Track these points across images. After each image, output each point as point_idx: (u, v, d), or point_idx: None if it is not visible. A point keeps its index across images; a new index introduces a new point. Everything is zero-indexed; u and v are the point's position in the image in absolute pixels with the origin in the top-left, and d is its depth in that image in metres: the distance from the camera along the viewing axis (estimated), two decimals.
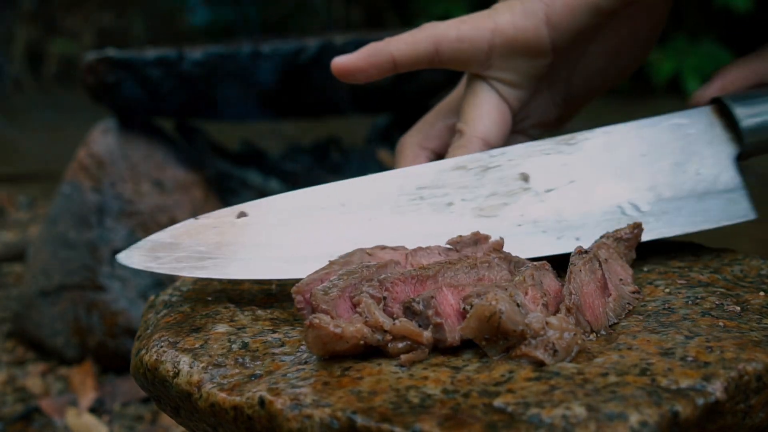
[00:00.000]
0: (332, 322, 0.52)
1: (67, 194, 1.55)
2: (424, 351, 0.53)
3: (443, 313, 0.54)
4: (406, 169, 0.72)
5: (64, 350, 1.49)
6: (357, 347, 0.53)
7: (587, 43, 0.77)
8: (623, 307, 0.59)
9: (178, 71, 1.50)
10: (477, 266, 0.59)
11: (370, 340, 0.52)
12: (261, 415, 0.50)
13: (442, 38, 0.73)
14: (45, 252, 1.55)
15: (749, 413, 0.50)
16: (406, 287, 0.56)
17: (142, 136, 1.58)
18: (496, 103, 0.75)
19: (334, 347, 0.52)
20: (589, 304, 0.56)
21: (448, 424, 0.45)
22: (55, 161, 2.64)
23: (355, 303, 0.55)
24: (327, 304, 0.54)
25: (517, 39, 0.73)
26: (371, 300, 0.54)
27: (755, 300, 0.61)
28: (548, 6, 0.73)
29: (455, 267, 0.58)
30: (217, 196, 1.59)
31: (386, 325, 0.53)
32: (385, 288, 0.55)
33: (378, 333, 0.53)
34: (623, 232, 0.67)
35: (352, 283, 0.56)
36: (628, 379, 0.49)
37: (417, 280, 0.56)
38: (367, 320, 0.53)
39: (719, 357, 0.51)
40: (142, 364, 0.58)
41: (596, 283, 0.58)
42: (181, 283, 0.71)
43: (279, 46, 1.53)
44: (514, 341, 0.52)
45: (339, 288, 0.56)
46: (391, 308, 0.55)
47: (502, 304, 0.51)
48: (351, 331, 0.52)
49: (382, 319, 0.53)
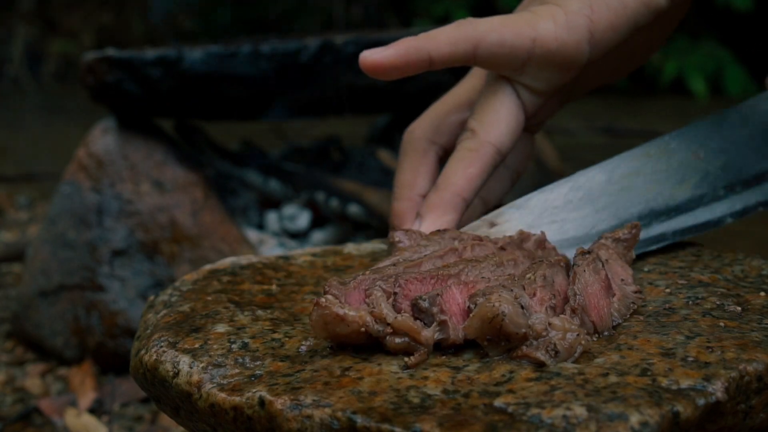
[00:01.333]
0: (338, 304, 0.53)
1: (66, 194, 1.55)
2: (424, 352, 0.53)
3: (448, 310, 0.54)
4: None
5: (64, 350, 1.49)
6: (358, 334, 0.53)
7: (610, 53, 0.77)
8: (628, 307, 0.59)
9: (178, 71, 1.50)
10: (504, 264, 0.59)
11: (371, 328, 0.53)
12: (261, 416, 0.50)
13: (481, 40, 0.71)
14: (44, 252, 1.55)
15: (750, 414, 0.50)
16: (423, 286, 0.56)
17: (141, 136, 1.58)
18: (514, 110, 0.74)
19: (335, 329, 0.53)
20: (594, 304, 0.56)
21: (449, 425, 0.45)
22: (54, 161, 2.64)
23: (367, 295, 0.55)
24: (338, 291, 0.55)
25: (557, 53, 0.72)
26: (381, 292, 0.55)
27: (756, 300, 0.61)
28: (593, 23, 0.71)
29: (480, 265, 0.58)
30: (217, 197, 1.59)
31: (389, 318, 0.53)
32: (398, 284, 0.55)
33: (380, 324, 0.53)
34: (621, 233, 0.67)
35: (369, 277, 0.57)
36: (629, 380, 0.49)
37: (437, 279, 0.57)
38: (372, 311, 0.53)
39: (720, 357, 0.51)
40: (142, 365, 0.58)
41: (600, 283, 0.58)
42: (180, 283, 0.71)
43: (278, 45, 1.53)
44: (516, 343, 0.52)
45: (357, 280, 0.56)
46: (400, 304, 0.55)
47: (505, 307, 0.51)
48: (353, 315, 0.52)
49: (386, 311, 0.53)
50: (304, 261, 0.76)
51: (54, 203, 1.58)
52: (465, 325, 0.53)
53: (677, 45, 4.54)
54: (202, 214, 1.51)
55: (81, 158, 1.56)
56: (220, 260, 0.77)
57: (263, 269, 0.73)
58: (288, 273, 0.73)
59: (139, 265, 1.47)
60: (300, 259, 0.76)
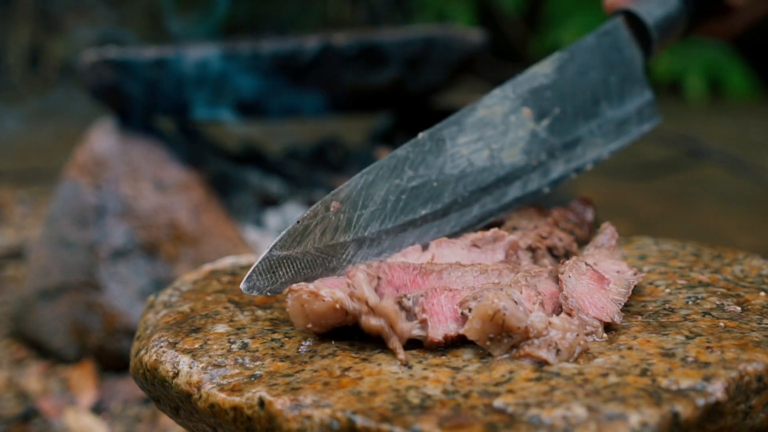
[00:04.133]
0: (311, 284, 0.55)
1: (66, 194, 1.55)
2: (397, 341, 0.54)
3: (430, 310, 0.54)
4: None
5: (64, 350, 1.49)
6: (335, 312, 0.54)
7: None
8: (627, 285, 0.60)
9: (178, 71, 1.50)
10: (487, 272, 0.59)
11: (345, 304, 0.54)
12: (261, 416, 0.50)
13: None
14: (44, 252, 1.55)
15: (750, 414, 0.50)
16: (406, 275, 0.57)
17: (141, 136, 1.58)
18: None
19: (312, 308, 0.54)
20: (589, 301, 0.57)
21: (448, 425, 0.45)
22: (54, 161, 2.64)
23: (350, 277, 0.56)
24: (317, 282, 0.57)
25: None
26: (364, 275, 0.55)
27: (756, 300, 0.61)
28: None
29: (464, 268, 0.59)
30: (217, 196, 1.59)
31: (371, 300, 0.54)
32: (382, 270, 0.56)
33: (356, 302, 0.54)
34: (599, 239, 0.69)
35: (354, 265, 0.58)
36: (629, 380, 0.49)
37: (419, 271, 0.57)
38: (353, 292, 0.54)
39: (720, 357, 0.51)
40: (142, 365, 0.58)
41: (588, 280, 0.59)
42: (180, 283, 0.71)
43: (278, 45, 1.53)
44: (518, 339, 0.52)
45: (344, 270, 0.58)
46: (382, 290, 0.56)
47: (505, 302, 0.52)
48: (327, 291, 0.54)
49: (368, 293, 0.54)
50: None
51: (54, 203, 1.58)
52: (466, 328, 0.53)
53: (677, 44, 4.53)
54: (202, 214, 1.51)
55: (81, 158, 1.56)
56: (220, 260, 0.77)
57: None
58: None
59: (139, 265, 1.47)
60: None
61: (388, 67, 1.59)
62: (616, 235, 0.69)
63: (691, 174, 2.96)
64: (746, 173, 2.89)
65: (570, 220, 0.72)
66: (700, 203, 2.67)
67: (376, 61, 1.57)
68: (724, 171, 2.95)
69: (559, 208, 0.74)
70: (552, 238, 0.69)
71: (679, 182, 2.88)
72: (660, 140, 3.21)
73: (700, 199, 2.72)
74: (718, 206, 2.61)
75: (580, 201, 0.75)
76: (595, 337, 0.55)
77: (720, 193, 2.78)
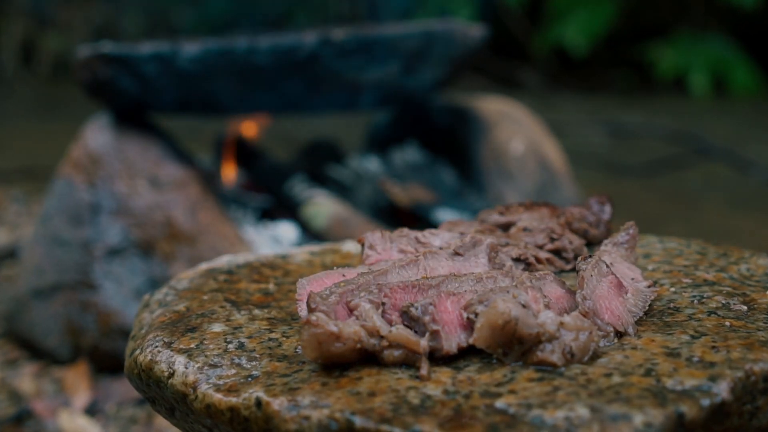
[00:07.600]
0: (331, 321, 0.51)
1: (60, 191, 1.54)
2: (425, 359, 0.52)
3: (440, 320, 0.53)
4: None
5: (57, 350, 1.48)
6: (353, 351, 0.52)
7: None
8: (645, 300, 0.59)
9: (174, 66, 1.49)
10: (483, 280, 0.59)
11: (366, 344, 0.51)
12: (258, 417, 0.49)
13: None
14: (38, 251, 1.54)
15: (756, 414, 0.50)
16: (407, 295, 0.56)
17: (137, 133, 1.57)
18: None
19: (330, 348, 0.51)
20: (605, 306, 0.56)
21: (449, 426, 0.45)
22: (48, 157, 2.63)
23: (351, 308, 0.54)
24: (327, 307, 0.54)
25: None
26: (370, 305, 0.53)
27: (762, 299, 0.60)
28: None
29: (460, 278, 0.58)
30: (214, 194, 1.58)
31: (383, 331, 0.52)
32: (384, 294, 0.55)
33: (374, 338, 0.52)
34: (619, 237, 0.67)
35: (349, 289, 0.56)
36: (633, 380, 0.48)
37: (418, 289, 0.56)
38: (364, 324, 0.52)
39: (725, 357, 0.50)
40: (137, 365, 0.58)
41: (608, 284, 0.58)
42: (176, 281, 0.71)
43: (277, 40, 1.52)
44: (529, 345, 0.51)
45: (337, 294, 0.55)
46: (390, 316, 0.54)
47: (515, 309, 0.51)
48: (348, 331, 0.51)
49: (379, 323, 0.52)
50: (302, 259, 0.75)
51: (48, 201, 1.57)
52: (475, 337, 0.51)
53: (680, 40, 4.53)
54: (198, 212, 1.50)
55: (75, 155, 1.55)
56: (216, 258, 0.76)
57: (260, 268, 0.73)
58: (286, 271, 0.72)
59: (135, 263, 1.47)
60: (298, 257, 0.76)
61: (387, 62, 1.57)
62: (638, 237, 0.68)
63: (695, 171, 2.96)
64: (751, 170, 2.90)
65: (586, 219, 0.71)
66: (705, 201, 2.68)
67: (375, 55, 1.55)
68: (729, 168, 2.95)
69: (576, 207, 0.73)
70: (562, 240, 0.68)
71: (683, 180, 2.89)
72: (664, 137, 3.21)
73: (705, 197, 2.72)
74: (723, 204, 2.62)
75: (598, 199, 0.74)
76: (605, 341, 0.54)
77: (725, 191, 2.79)
